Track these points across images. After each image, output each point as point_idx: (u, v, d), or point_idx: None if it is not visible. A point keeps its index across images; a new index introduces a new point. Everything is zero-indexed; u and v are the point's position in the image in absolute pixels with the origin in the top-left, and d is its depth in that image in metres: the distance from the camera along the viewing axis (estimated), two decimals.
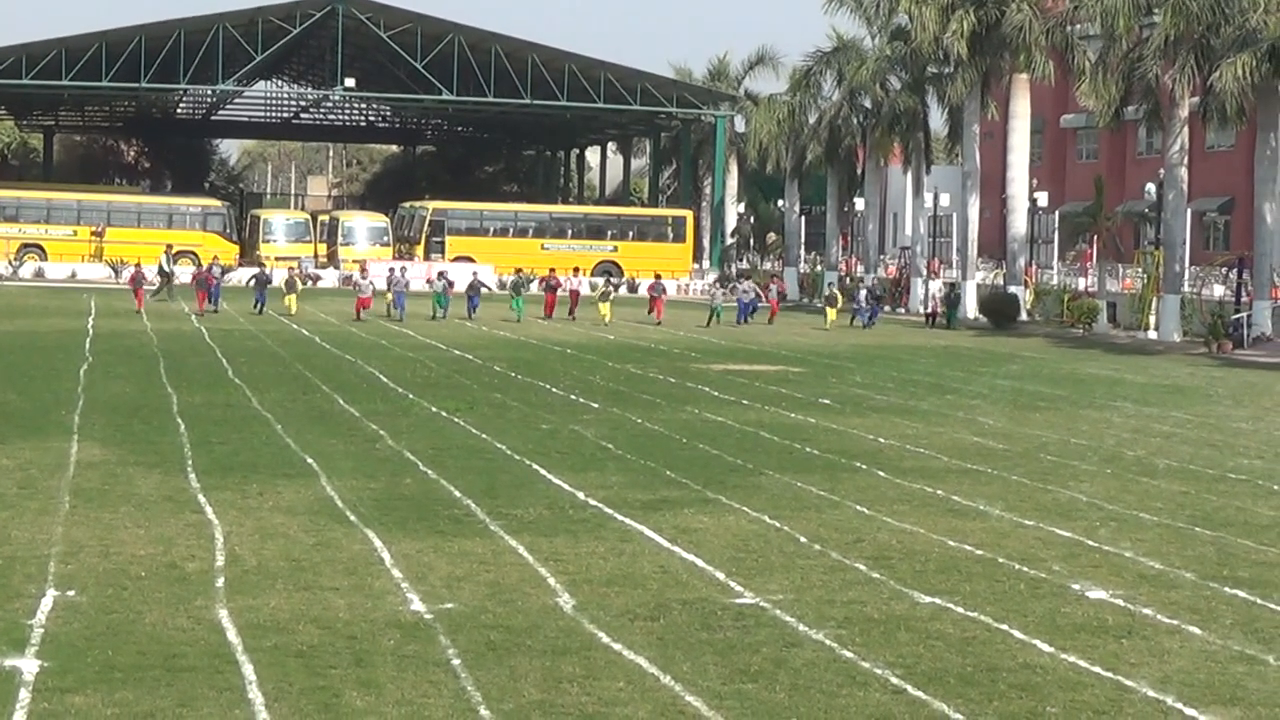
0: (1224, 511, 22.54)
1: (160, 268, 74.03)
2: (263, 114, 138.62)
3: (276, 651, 13.76)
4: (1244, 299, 59.61)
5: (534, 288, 72.98)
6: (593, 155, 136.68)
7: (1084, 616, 15.96)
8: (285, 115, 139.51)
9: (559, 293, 69.58)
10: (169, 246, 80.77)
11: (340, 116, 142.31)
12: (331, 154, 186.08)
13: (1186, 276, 63.97)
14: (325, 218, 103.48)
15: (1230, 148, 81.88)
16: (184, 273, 76.38)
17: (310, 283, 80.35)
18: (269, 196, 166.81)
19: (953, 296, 70.29)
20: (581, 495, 22.31)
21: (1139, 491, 24.18)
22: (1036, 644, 14.78)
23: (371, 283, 66.27)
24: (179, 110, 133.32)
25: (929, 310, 71.74)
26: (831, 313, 64.78)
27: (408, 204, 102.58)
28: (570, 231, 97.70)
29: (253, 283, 67.04)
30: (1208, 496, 23.85)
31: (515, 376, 39.81)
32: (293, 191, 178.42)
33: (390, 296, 63.41)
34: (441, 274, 69.54)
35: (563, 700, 12.62)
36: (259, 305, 63.86)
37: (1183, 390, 41.63)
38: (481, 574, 17.12)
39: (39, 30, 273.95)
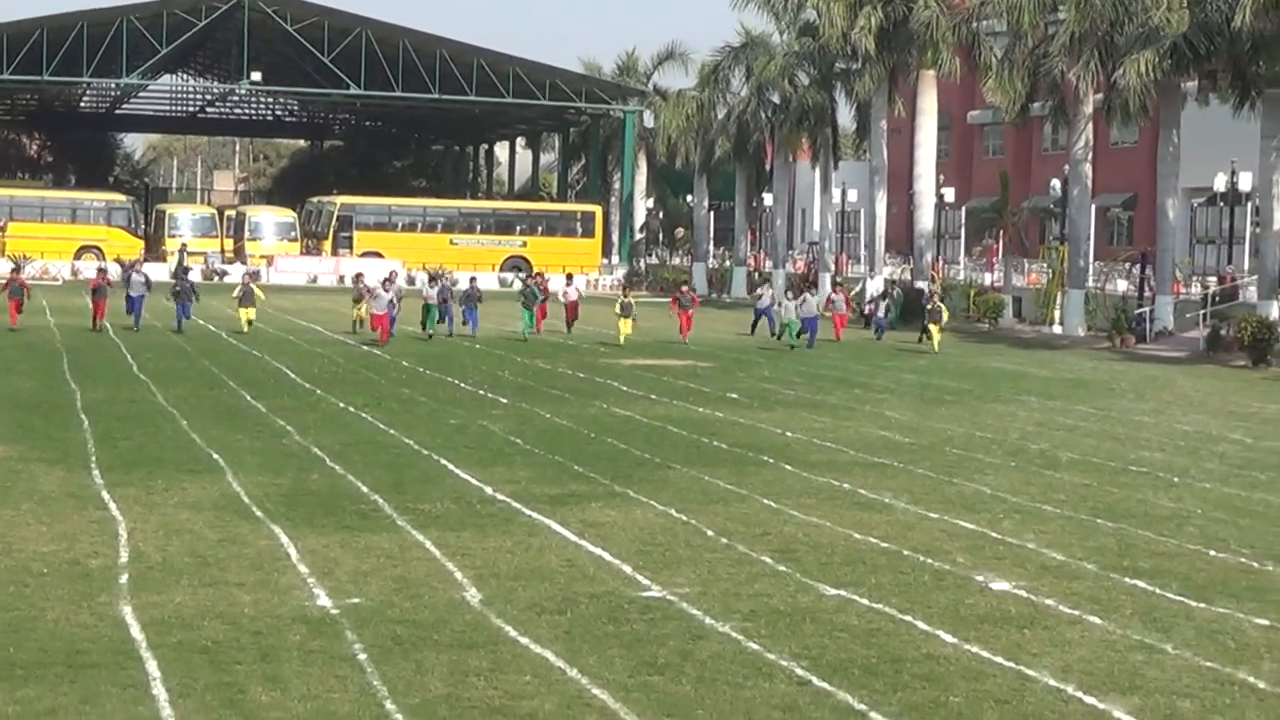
0: (1125, 503, 22.80)
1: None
2: (168, 108, 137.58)
3: (181, 648, 13.71)
4: (1147, 294, 60.20)
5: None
6: (502, 150, 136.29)
7: (987, 607, 16.12)
8: (191, 109, 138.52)
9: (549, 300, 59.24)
10: (183, 246, 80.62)
11: (247, 111, 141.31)
12: (238, 148, 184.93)
13: (1091, 271, 64.50)
14: (232, 212, 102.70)
15: (1134, 144, 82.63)
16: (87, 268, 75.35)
17: (216, 278, 79.22)
18: (174, 191, 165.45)
19: (896, 294, 67.18)
20: (489, 490, 22.32)
21: (1042, 484, 24.42)
22: (940, 635, 14.91)
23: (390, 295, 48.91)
24: (82, 104, 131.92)
25: (866, 311, 69.19)
26: (936, 331, 53.03)
27: (315, 199, 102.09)
28: (479, 226, 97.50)
29: (174, 293, 52.55)
30: (1110, 489, 24.11)
31: (423, 372, 39.74)
32: (199, 186, 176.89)
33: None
34: (435, 277, 59.00)
35: (469, 694, 12.64)
36: (181, 322, 50.99)
37: (1086, 384, 42.03)
38: (388, 569, 17.11)
39: None
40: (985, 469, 25.83)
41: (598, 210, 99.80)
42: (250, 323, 50.94)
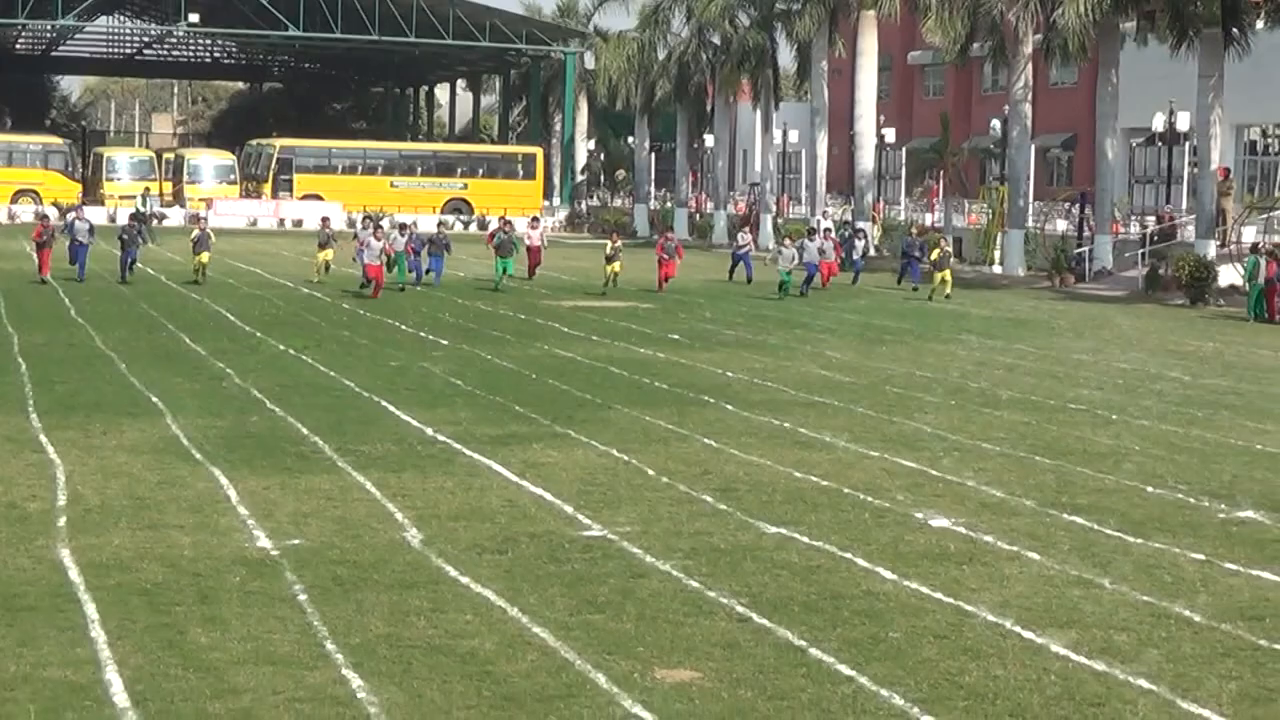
0: (1064, 441, 22.91)
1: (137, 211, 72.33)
2: (105, 50, 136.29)
3: (119, 590, 13.65)
4: (1086, 233, 60.40)
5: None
6: (442, 93, 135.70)
7: (926, 544, 16.18)
8: (128, 51, 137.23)
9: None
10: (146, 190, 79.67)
11: (185, 53, 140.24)
12: (176, 91, 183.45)
13: (1030, 211, 64.66)
14: (170, 155, 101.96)
15: (1073, 84, 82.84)
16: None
17: (156, 221, 78.34)
18: (112, 134, 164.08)
19: (853, 236, 64.48)
20: (430, 431, 22.27)
21: (982, 422, 24.51)
22: (880, 571, 14.97)
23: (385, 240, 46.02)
24: (17, 46, 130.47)
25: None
26: (945, 277, 49.80)
27: (254, 142, 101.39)
28: (420, 169, 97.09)
29: (122, 240, 49.03)
30: (1048, 426, 24.22)
31: (363, 314, 39.60)
32: (137, 129, 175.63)
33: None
34: (404, 226, 52.44)
35: (409, 633, 12.63)
36: (128, 267, 48.06)
37: (1026, 323, 42.19)
38: (329, 510, 17.06)
39: None
40: (925, 408, 25.90)
41: (538, 152, 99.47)
42: (204, 269, 48.14)
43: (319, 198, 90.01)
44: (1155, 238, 58.39)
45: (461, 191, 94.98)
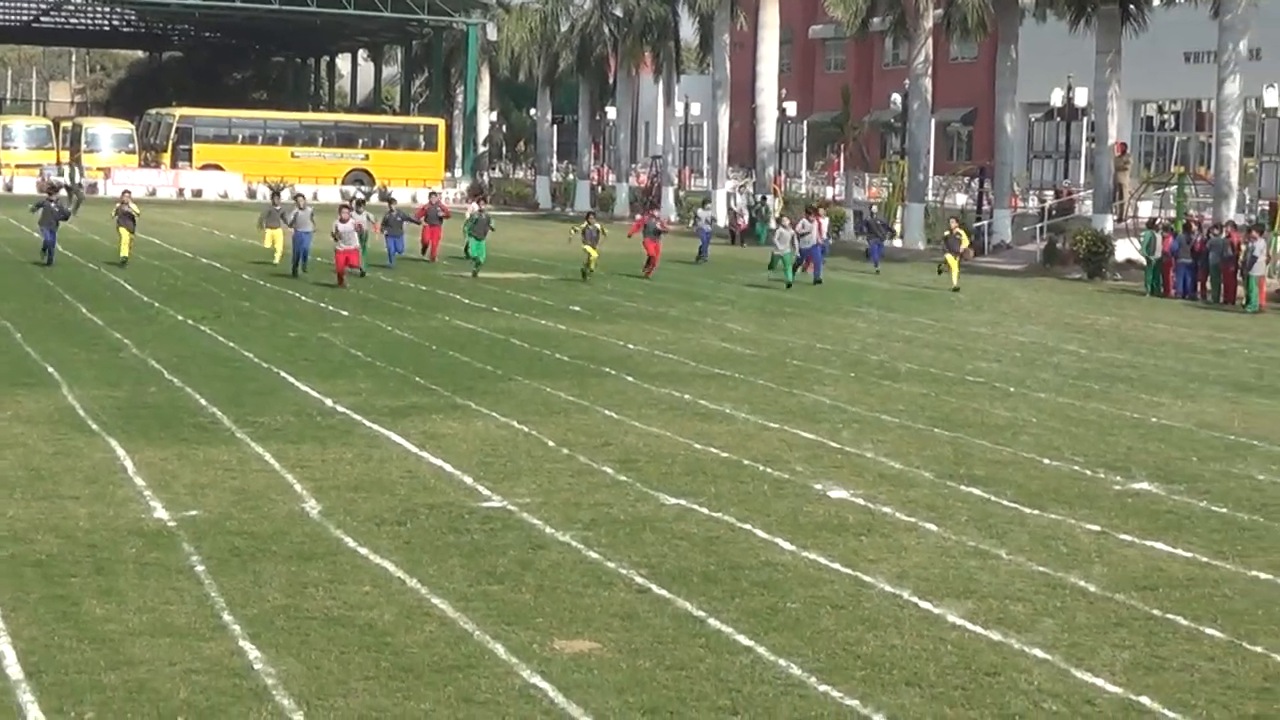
0: (962, 413, 23.07)
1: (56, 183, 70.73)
2: (1, 16, 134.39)
3: (13, 561, 13.49)
4: (985, 207, 60.81)
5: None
6: (344, 63, 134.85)
7: (825, 515, 16.25)
8: (25, 18, 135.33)
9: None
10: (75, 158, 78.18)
11: (83, 20, 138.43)
12: (74, 59, 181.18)
13: (930, 185, 65.02)
14: (68, 124, 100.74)
15: (973, 59, 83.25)
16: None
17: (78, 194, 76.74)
18: (8, 102, 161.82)
19: (763, 210, 64.97)
20: (329, 402, 22.14)
21: (881, 394, 24.64)
22: (779, 542, 15.02)
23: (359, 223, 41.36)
24: None
25: (734, 225, 65.98)
26: (953, 263, 45.73)
27: (154, 111, 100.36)
28: (321, 139, 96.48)
29: (39, 212, 43.75)
30: (947, 399, 24.38)
31: (263, 284, 39.32)
32: (34, 98, 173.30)
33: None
34: (360, 204, 46.55)
35: (308, 605, 12.56)
36: (49, 252, 42.96)
37: (925, 296, 42.44)
38: (227, 481, 16.94)
39: None
40: (825, 380, 26.01)
41: (440, 123, 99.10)
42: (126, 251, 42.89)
43: (219, 168, 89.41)
44: (1053, 212, 58.87)
45: (363, 162, 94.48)
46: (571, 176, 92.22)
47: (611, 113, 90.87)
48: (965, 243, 47.47)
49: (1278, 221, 45.79)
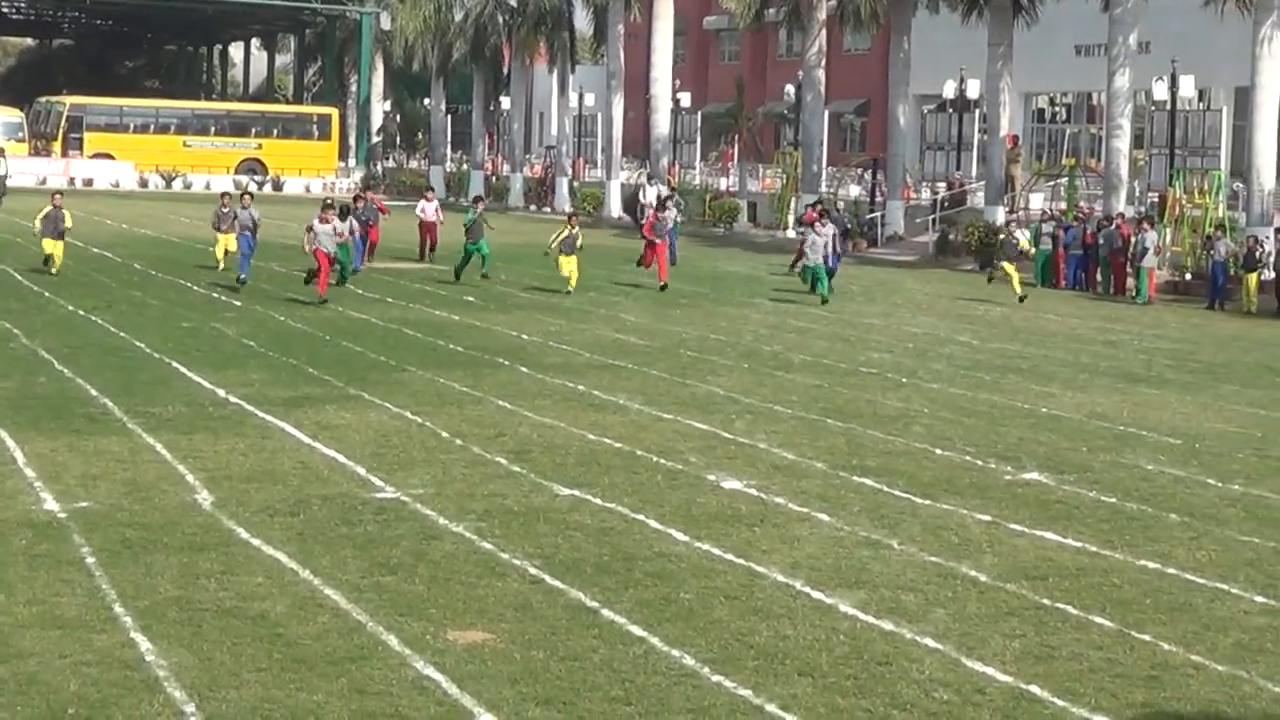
0: (855, 404, 23.21)
1: None
2: None
3: None
4: (878, 199, 61.15)
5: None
6: (236, 52, 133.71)
7: (718, 506, 16.30)
8: None
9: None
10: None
11: None
12: None
13: (824, 177, 65.28)
14: None
15: (867, 51, 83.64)
16: None
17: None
18: None
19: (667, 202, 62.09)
20: (222, 393, 21.99)
21: (774, 385, 24.74)
22: (672, 533, 15.06)
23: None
24: None
25: (641, 218, 59.21)
26: (1012, 270, 40.52)
27: (44, 99, 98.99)
28: (214, 128, 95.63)
29: None
30: (840, 389, 24.51)
31: (155, 274, 38.97)
32: None
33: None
34: (346, 210, 39.82)
35: (200, 596, 12.47)
36: None
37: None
38: (118, 472, 16.79)
39: None
40: (719, 370, 26.08)
41: (334, 113, 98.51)
42: (53, 258, 37.89)
43: (110, 157, 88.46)
44: (946, 203, 59.28)
45: (256, 151, 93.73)
46: (466, 166, 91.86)
47: (506, 103, 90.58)
48: (1025, 243, 41.98)
49: (1167, 213, 46.32)
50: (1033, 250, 43.63)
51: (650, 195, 60.73)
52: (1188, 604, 13.26)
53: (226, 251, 39.71)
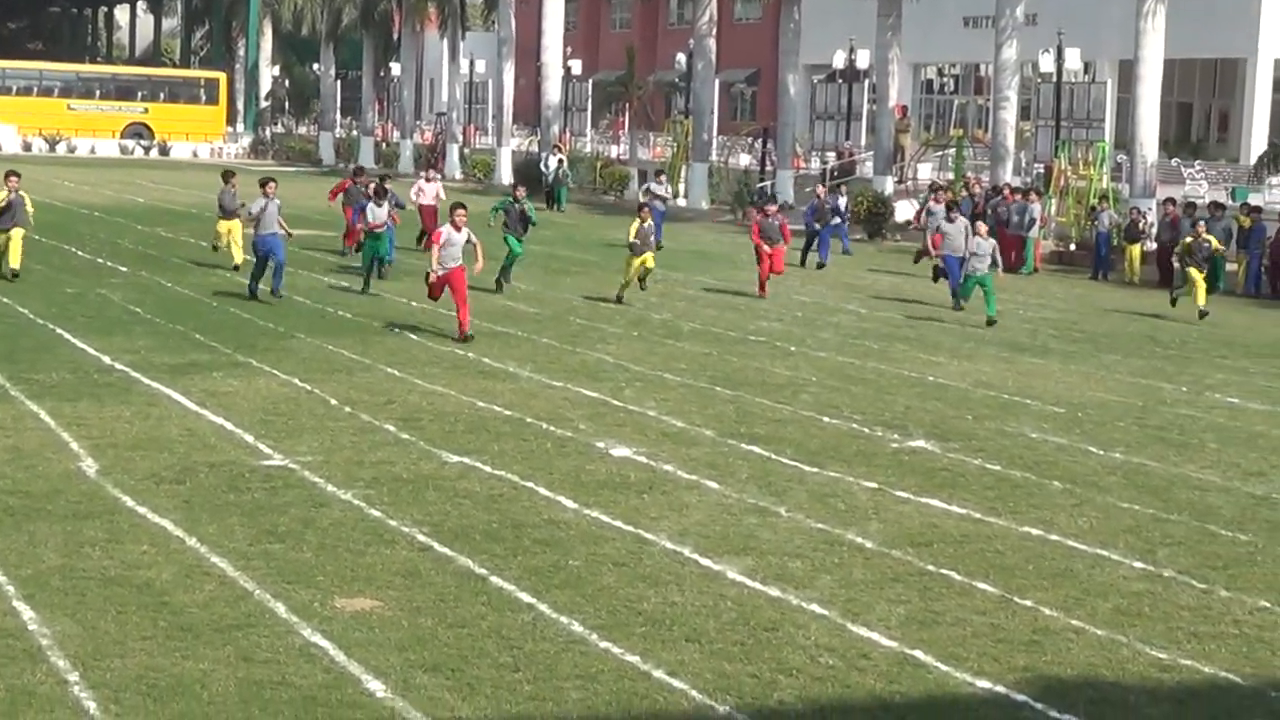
0: (744, 372, 23.30)
1: None
2: None
3: None
4: (768, 168, 61.30)
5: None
6: (122, 14, 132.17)
7: (607, 473, 16.34)
8: None
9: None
10: None
11: None
12: None
13: (714, 145, 65.36)
14: None
15: (757, 20, 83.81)
16: None
17: None
18: None
19: (559, 172, 60.41)
20: (107, 359, 21.79)
21: (664, 353, 24.79)
22: (561, 500, 15.08)
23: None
24: None
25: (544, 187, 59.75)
26: (1199, 279, 32.79)
27: None
28: (99, 92, 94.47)
29: None
30: (729, 358, 24.60)
31: (39, 239, 38.43)
32: None
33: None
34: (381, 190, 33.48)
35: (84, 564, 12.37)
36: None
37: (709, 255, 42.70)
38: (0, 440, 16.60)
39: None
40: (608, 339, 26.10)
41: (222, 77, 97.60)
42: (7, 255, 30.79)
43: None
44: (835, 173, 59.50)
45: (142, 116, 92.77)
46: (355, 132, 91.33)
47: (396, 69, 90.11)
48: (1217, 243, 34.51)
49: (1052, 184, 46.74)
50: (1224, 249, 36.12)
51: (552, 165, 60.41)
52: (1069, 570, 13.43)
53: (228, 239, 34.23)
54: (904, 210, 51.69)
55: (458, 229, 25.36)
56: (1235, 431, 20.21)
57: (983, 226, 31.51)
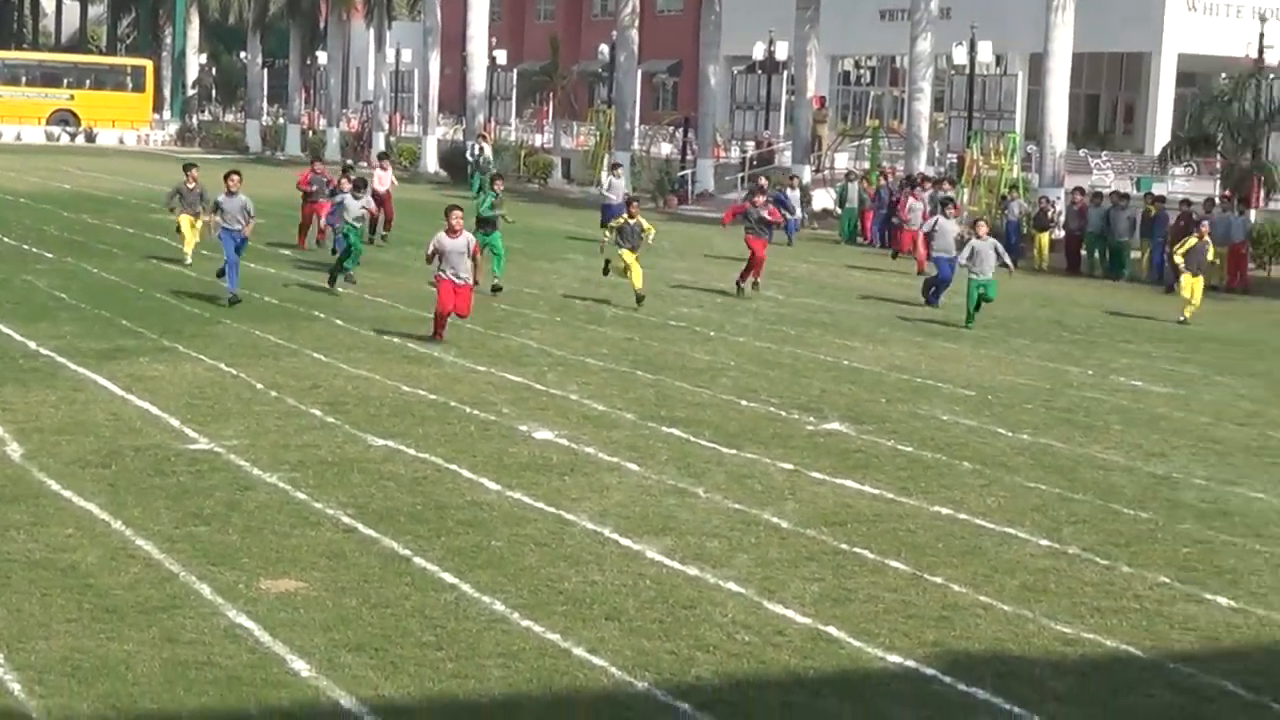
0: (664, 356, 23.35)
1: None
2: None
3: None
4: (689, 157, 61.36)
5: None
6: (48, 1, 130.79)
7: (530, 456, 16.36)
8: None
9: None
10: None
11: None
12: None
13: (637, 135, 65.36)
14: None
15: (679, 12, 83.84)
16: None
17: None
18: None
19: (480, 160, 56.88)
20: (33, 345, 21.62)
21: (586, 338, 24.81)
22: (484, 482, 15.10)
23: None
24: None
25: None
26: (1196, 285, 30.88)
27: None
28: (24, 78, 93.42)
29: None
30: (650, 343, 24.64)
31: None
32: None
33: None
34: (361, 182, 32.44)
35: (9, 548, 12.30)
36: None
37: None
38: None
39: None
40: (532, 324, 26.10)
41: (148, 65, 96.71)
42: None
43: None
44: (754, 162, 59.63)
45: (68, 103, 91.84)
46: (282, 120, 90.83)
47: (323, 57, 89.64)
48: (1212, 253, 32.44)
49: (965, 174, 47.01)
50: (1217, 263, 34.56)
51: (485, 152, 59.74)
52: (977, 548, 13.56)
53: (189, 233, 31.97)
54: (821, 199, 51.90)
55: (456, 234, 22.82)
56: (1138, 414, 20.44)
57: (983, 225, 28.83)
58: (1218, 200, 39.65)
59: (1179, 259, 31.30)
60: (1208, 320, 30.96)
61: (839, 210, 47.92)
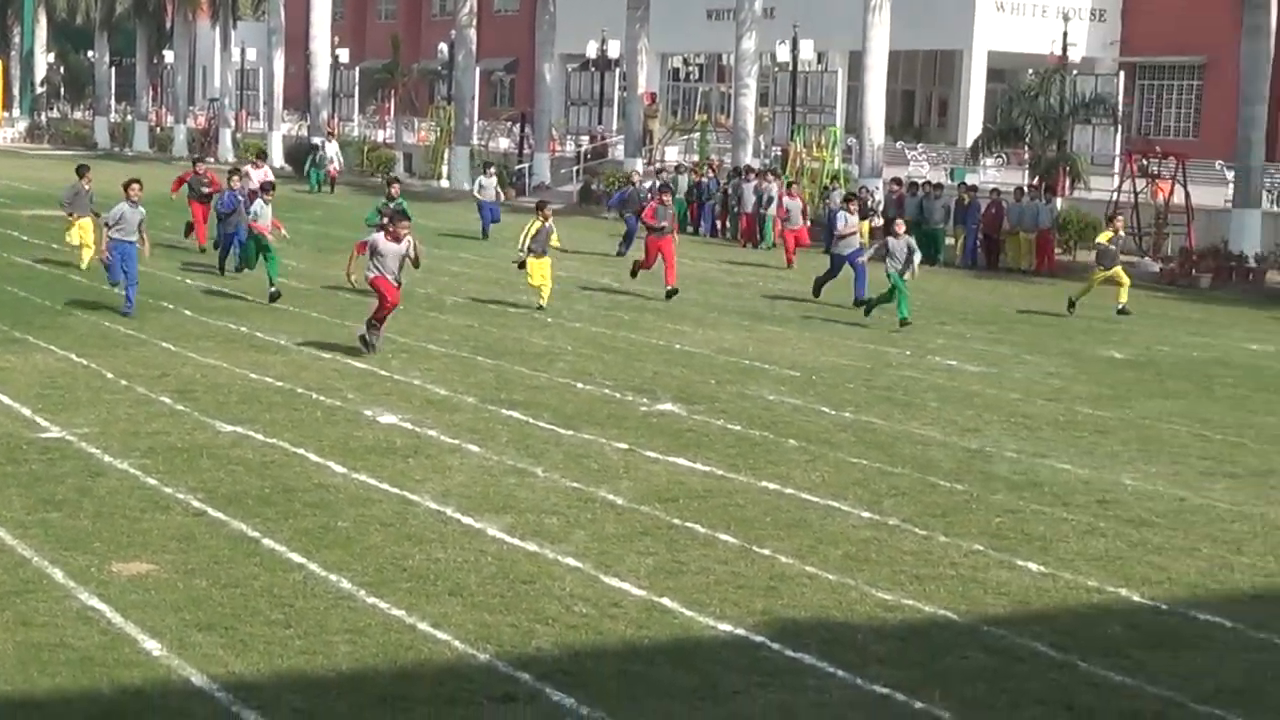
0: (503, 342, 23.31)
1: None
2: None
3: None
4: (526, 151, 61.25)
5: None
6: None
7: (374, 439, 16.26)
8: None
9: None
10: None
11: None
12: None
13: (475, 130, 65.11)
14: None
15: (515, 12, 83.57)
16: None
17: None
18: None
19: (318, 156, 58.20)
20: None
21: (428, 325, 24.70)
22: (330, 465, 14.98)
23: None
24: None
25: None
26: (1116, 273, 29.48)
27: None
28: None
29: None
30: (490, 329, 24.59)
31: None
32: None
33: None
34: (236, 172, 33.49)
35: None
36: None
37: (470, 234, 42.52)
38: None
39: None
40: None
41: None
42: None
43: None
44: (589, 155, 59.65)
45: None
46: (130, 118, 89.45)
47: (170, 56, 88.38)
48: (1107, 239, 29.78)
49: (789, 166, 47.33)
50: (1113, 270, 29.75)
51: (330, 151, 58.39)
52: (803, 520, 13.67)
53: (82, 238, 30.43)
54: None
55: (397, 240, 21.47)
56: (953, 391, 20.72)
57: (900, 224, 27.53)
58: (1026, 189, 40.27)
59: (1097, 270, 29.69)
60: (1017, 301, 31.44)
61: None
